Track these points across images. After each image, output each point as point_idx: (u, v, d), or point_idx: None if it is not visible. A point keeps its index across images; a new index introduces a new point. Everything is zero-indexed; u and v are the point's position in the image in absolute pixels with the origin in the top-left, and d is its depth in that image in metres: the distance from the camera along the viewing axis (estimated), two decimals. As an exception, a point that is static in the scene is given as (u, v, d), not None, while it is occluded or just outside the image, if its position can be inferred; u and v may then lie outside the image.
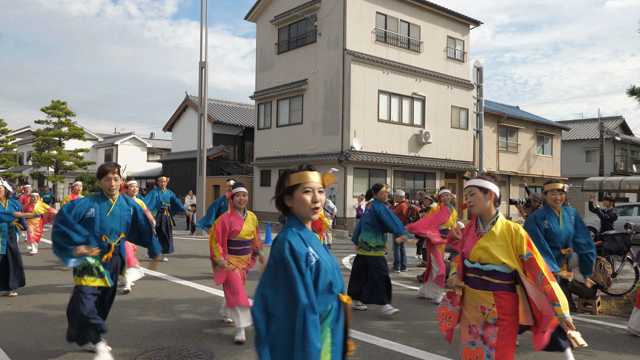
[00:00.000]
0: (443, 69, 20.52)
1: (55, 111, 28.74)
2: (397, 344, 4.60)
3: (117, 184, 3.84)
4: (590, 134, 32.50)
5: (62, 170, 29.35)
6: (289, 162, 19.23)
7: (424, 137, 19.16)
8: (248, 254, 4.92)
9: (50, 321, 5.13)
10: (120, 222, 3.99)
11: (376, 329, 5.13)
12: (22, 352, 4.14)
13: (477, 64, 8.63)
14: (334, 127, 17.80)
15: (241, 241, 4.78)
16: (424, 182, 19.83)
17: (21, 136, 44.02)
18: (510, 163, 24.37)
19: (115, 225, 3.96)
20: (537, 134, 26.10)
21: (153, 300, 6.25)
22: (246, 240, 4.83)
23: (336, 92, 17.79)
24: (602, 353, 4.49)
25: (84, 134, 30.72)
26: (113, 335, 4.64)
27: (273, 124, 20.72)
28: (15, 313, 5.37)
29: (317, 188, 1.89)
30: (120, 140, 38.75)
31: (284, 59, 20.22)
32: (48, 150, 29.04)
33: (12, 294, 6.30)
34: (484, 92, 18.14)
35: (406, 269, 9.45)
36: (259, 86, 21.51)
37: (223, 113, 26.76)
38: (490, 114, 22.92)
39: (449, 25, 20.89)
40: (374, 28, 18.44)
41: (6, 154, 34.27)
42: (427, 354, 4.34)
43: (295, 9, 19.25)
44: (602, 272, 6.10)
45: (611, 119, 34.59)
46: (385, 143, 18.35)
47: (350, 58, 17.31)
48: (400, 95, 18.91)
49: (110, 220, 3.92)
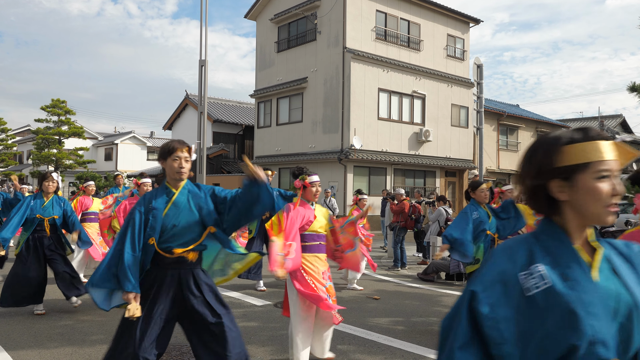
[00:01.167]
0: (443, 67, 20.50)
1: (55, 110, 28.73)
2: (397, 340, 4.59)
3: (188, 167, 2.81)
4: (590, 132, 32.48)
5: (62, 168, 29.35)
6: (289, 161, 19.21)
7: (424, 135, 19.14)
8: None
9: (50, 318, 5.12)
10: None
11: (376, 325, 5.12)
12: (21, 349, 4.13)
13: (477, 61, 8.65)
14: (334, 125, 17.78)
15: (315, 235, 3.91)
16: (424, 181, 19.81)
17: (21, 135, 44.00)
18: (510, 161, 24.37)
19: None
20: (538, 132, 26.08)
21: (153, 297, 6.24)
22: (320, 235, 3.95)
23: (336, 91, 17.77)
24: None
25: (84, 132, 30.70)
26: (112, 333, 4.62)
27: (273, 122, 20.70)
28: (14, 310, 5.36)
29: (614, 171, 1.12)
30: (120, 139, 38.73)
31: (284, 57, 20.20)
32: (48, 148, 29.04)
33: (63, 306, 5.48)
34: (483, 90, 18.12)
35: (406, 266, 9.45)
36: (258, 84, 21.49)
37: (223, 111, 26.75)
38: (491, 113, 22.90)
39: (449, 24, 20.86)
40: (373, 26, 18.42)
41: (6, 153, 34.27)
42: (427, 349, 4.33)
43: (295, 7, 19.23)
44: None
45: (611, 118, 34.56)
46: (385, 141, 18.33)
47: (350, 56, 17.29)
48: (400, 93, 18.89)
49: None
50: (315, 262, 3.75)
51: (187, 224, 2.70)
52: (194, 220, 2.72)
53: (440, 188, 19.99)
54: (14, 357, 3.93)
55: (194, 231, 2.72)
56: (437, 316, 5.67)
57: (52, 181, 5.35)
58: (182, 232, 2.69)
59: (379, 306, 6.04)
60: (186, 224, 2.70)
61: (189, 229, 2.70)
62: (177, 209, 2.71)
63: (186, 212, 2.71)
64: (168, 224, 2.68)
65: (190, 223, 2.71)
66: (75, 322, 4.97)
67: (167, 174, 2.80)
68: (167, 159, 2.77)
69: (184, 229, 2.69)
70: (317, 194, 3.87)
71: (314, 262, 3.75)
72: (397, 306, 6.12)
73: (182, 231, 2.69)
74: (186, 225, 2.70)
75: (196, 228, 2.72)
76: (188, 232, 2.70)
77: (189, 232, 2.70)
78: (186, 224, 2.70)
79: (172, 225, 2.68)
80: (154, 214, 2.68)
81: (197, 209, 2.74)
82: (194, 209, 2.73)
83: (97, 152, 39.98)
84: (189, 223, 2.70)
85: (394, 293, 7.02)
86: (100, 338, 4.46)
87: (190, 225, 2.71)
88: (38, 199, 5.30)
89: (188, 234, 2.70)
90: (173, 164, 2.75)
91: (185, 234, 2.70)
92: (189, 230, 2.70)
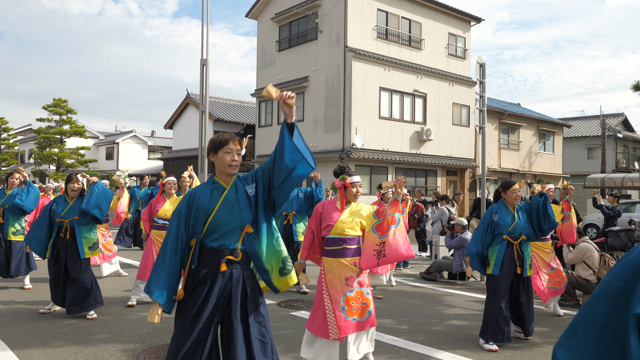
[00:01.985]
0: (444, 66, 20.48)
1: (57, 109, 28.76)
2: (401, 339, 4.59)
3: (240, 160, 2.66)
4: (591, 131, 32.44)
5: (63, 168, 29.37)
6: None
7: (426, 134, 19.13)
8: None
9: (54, 316, 5.12)
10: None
11: (380, 324, 5.12)
12: (26, 348, 4.14)
13: (480, 60, 8.63)
14: (335, 124, 17.78)
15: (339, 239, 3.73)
16: (425, 180, 19.81)
17: (23, 134, 44.06)
18: (511, 160, 24.35)
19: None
20: (539, 131, 26.06)
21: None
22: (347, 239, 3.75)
23: (337, 90, 17.77)
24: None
25: (85, 132, 30.73)
26: (117, 332, 4.64)
27: (274, 121, 20.70)
28: (19, 309, 5.37)
29: None
30: (122, 138, 38.76)
31: (285, 56, 20.19)
32: (49, 148, 29.08)
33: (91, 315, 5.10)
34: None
35: (409, 265, 9.45)
36: (259, 84, 21.49)
37: (224, 111, 26.76)
38: (492, 111, 22.88)
39: (450, 22, 20.84)
40: (375, 25, 18.40)
41: (8, 152, 34.32)
42: (431, 349, 4.33)
43: (296, 6, 19.21)
44: (606, 268, 6.08)
45: (613, 116, 34.51)
46: (386, 140, 18.33)
47: (352, 55, 17.28)
48: (402, 92, 18.88)
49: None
50: (337, 268, 3.59)
51: (237, 221, 2.54)
52: (246, 216, 2.55)
53: (442, 187, 19.99)
54: (19, 356, 3.94)
55: (242, 228, 2.55)
56: (440, 316, 5.67)
57: (76, 183, 5.13)
58: (233, 229, 2.53)
59: (382, 305, 6.04)
60: (237, 221, 2.53)
61: (239, 227, 2.54)
62: (228, 205, 2.54)
63: (237, 208, 2.54)
64: (219, 222, 2.52)
65: (240, 219, 2.54)
66: (79, 321, 4.97)
67: (217, 168, 2.63)
68: (218, 152, 2.60)
69: (235, 226, 2.54)
70: (358, 195, 3.77)
71: (336, 267, 3.59)
72: (400, 305, 6.12)
73: (233, 228, 2.53)
74: (237, 222, 2.54)
75: (246, 224, 2.56)
76: (238, 229, 2.54)
77: (239, 229, 2.54)
78: (237, 220, 2.53)
79: (223, 222, 2.52)
80: (196, 215, 2.53)
81: (248, 202, 2.57)
82: (245, 203, 2.56)
83: (99, 151, 40.02)
84: (240, 219, 2.54)
85: (397, 292, 7.03)
86: (105, 337, 4.47)
87: (241, 222, 2.54)
88: (61, 202, 5.12)
89: (238, 230, 2.54)
90: (225, 157, 2.58)
91: (236, 231, 2.54)
92: (239, 228, 2.54)
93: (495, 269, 4.41)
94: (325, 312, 3.53)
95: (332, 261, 3.62)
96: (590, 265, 6.20)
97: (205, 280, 2.49)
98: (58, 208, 5.08)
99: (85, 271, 5.06)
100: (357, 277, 3.62)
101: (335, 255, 3.61)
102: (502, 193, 4.66)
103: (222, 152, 2.60)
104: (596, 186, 18.01)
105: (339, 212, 3.69)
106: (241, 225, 2.54)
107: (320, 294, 3.63)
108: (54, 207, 5.10)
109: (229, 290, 2.51)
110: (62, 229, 5.03)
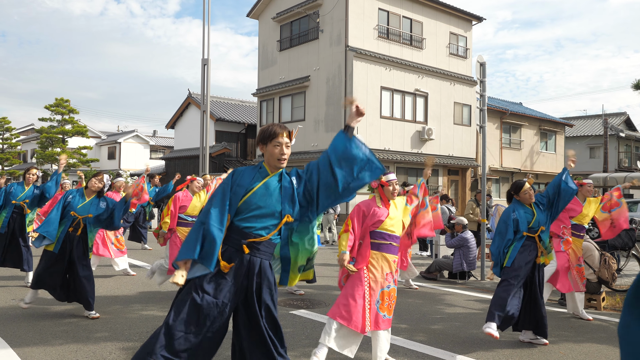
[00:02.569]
0: (446, 66, 20.46)
1: (59, 109, 28.83)
2: (400, 338, 4.59)
3: (289, 153, 2.62)
4: (594, 130, 32.35)
5: (65, 167, 29.48)
6: (292, 159, 19.21)
7: (427, 133, 19.12)
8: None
9: (55, 315, 5.14)
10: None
11: (379, 323, 5.13)
12: (26, 346, 4.15)
13: (480, 59, 8.60)
14: (337, 123, 17.78)
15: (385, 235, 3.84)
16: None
17: (25, 134, 44.16)
18: (513, 159, 24.31)
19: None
20: (541, 130, 26.01)
21: (157, 295, 6.26)
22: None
23: (338, 89, 17.77)
24: (607, 348, 4.47)
25: (87, 131, 30.82)
26: (117, 330, 4.65)
27: (275, 120, 20.71)
28: (19, 307, 5.39)
29: None
30: (124, 138, 38.83)
31: (286, 55, 20.21)
32: (52, 147, 29.15)
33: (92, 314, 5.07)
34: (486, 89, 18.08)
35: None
36: (261, 83, 21.51)
37: (225, 110, 26.78)
38: (493, 111, 22.85)
39: (451, 22, 20.82)
40: (376, 24, 18.39)
41: (10, 152, 34.42)
42: (430, 348, 4.33)
43: (297, 5, 19.22)
44: (606, 267, 6.07)
45: (615, 115, 34.41)
46: (387, 140, 18.32)
47: (353, 55, 17.28)
48: (403, 91, 18.87)
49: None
50: (380, 262, 3.69)
51: (272, 208, 2.51)
52: (280, 206, 2.52)
53: (443, 186, 19.97)
54: (19, 354, 3.96)
55: (276, 217, 2.53)
56: (440, 315, 5.67)
57: (99, 181, 5.06)
58: (264, 215, 2.51)
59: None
60: (271, 208, 2.51)
61: (272, 214, 2.52)
62: (267, 191, 2.53)
63: (275, 196, 2.52)
64: (252, 203, 2.50)
65: (275, 208, 2.52)
66: (79, 320, 4.99)
67: (266, 159, 2.62)
68: (268, 145, 2.59)
69: (268, 213, 2.51)
70: (395, 193, 3.82)
71: (380, 260, 3.69)
72: (400, 304, 6.11)
73: (265, 214, 2.51)
74: (271, 209, 2.51)
75: (279, 214, 2.53)
76: (270, 217, 2.52)
77: (271, 217, 2.52)
78: (271, 207, 2.51)
79: (256, 205, 2.50)
80: (236, 190, 2.52)
81: (285, 194, 2.54)
82: (288, 192, 2.55)
83: (101, 151, 40.10)
84: (274, 207, 2.52)
85: (397, 291, 7.02)
86: (105, 335, 4.48)
87: (275, 210, 2.52)
88: (77, 196, 5.05)
89: (270, 219, 2.52)
90: (274, 151, 2.57)
91: (267, 218, 2.51)
92: (272, 216, 2.52)
93: (509, 260, 4.36)
94: (364, 305, 3.58)
95: (378, 255, 3.70)
96: (590, 264, 6.19)
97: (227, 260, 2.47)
98: (74, 201, 5.02)
99: (89, 268, 5.11)
100: (394, 275, 3.79)
101: (381, 249, 3.71)
102: (515, 195, 4.66)
103: (271, 145, 2.58)
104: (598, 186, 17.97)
105: (385, 209, 3.77)
106: (277, 213, 2.52)
107: (359, 287, 3.62)
108: (69, 199, 5.04)
109: (247, 276, 2.49)
110: (73, 222, 4.97)
